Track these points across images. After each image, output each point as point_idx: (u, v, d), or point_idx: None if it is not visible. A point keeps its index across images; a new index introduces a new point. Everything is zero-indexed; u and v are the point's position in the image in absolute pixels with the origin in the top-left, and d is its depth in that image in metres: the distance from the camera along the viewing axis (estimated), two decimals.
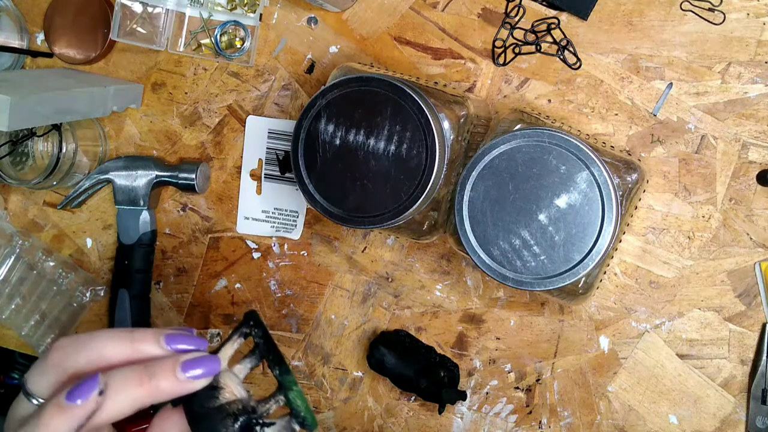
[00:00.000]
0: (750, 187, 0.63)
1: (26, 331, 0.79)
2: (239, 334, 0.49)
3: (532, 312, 0.69)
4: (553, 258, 0.53)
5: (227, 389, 0.46)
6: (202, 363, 0.43)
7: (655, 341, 0.66)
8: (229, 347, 0.49)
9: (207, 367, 0.44)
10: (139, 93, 0.77)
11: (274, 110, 0.74)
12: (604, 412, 0.68)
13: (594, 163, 0.52)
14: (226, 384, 0.46)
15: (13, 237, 0.79)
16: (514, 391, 0.70)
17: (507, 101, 0.68)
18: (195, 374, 0.43)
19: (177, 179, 0.74)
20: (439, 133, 0.55)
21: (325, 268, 0.74)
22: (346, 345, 0.74)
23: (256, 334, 0.49)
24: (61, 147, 0.72)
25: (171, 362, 0.42)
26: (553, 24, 0.66)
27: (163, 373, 0.42)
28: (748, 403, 0.64)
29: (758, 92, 0.62)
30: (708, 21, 0.63)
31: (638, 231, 0.66)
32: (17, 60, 0.78)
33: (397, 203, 0.56)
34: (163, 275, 0.78)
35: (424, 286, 0.71)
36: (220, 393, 0.46)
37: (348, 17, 0.71)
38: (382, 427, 0.74)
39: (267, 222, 0.75)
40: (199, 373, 0.43)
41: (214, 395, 0.46)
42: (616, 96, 0.65)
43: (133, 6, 0.73)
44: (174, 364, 0.42)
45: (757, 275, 0.64)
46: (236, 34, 0.73)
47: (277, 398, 0.47)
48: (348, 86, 0.56)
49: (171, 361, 0.43)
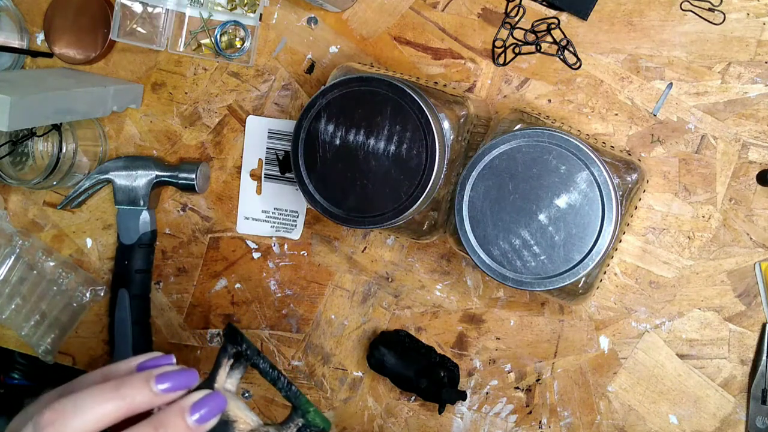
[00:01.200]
0: (750, 187, 0.63)
1: (26, 331, 0.79)
2: (228, 356, 0.48)
3: (532, 312, 0.69)
4: (553, 258, 0.53)
5: (240, 421, 0.45)
6: (208, 402, 0.42)
7: (655, 341, 0.66)
8: (222, 373, 0.47)
9: (213, 405, 0.42)
10: (139, 93, 0.77)
11: (274, 110, 0.74)
12: (604, 412, 0.68)
13: (594, 163, 0.52)
14: (237, 416, 0.45)
15: (13, 237, 0.79)
16: (514, 391, 0.70)
17: (507, 101, 0.68)
18: (204, 415, 0.42)
19: (177, 179, 0.74)
20: (439, 133, 0.55)
21: (325, 268, 0.74)
22: (346, 345, 0.74)
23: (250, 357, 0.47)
24: (61, 147, 0.72)
25: (178, 411, 0.41)
26: (553, 24, 0.66)
27: (174, 425, 0.41)
28: (748, 403, 0.64)
29: (758, 92, 0.62)
30: (708, 21, 0.63)
31: (638, 231, 0.66)
32: (17, 60, 0.78)
33: (397, 203, 0.56)
34: (163, 275, 0.78)
35: (424, 286, 0.71)
36: (234, 427, 0.45)
37: (348, 17, 0.71)
38: (382, 427, 0.74)
39: (267, 222, 0.75)
40: (207, 414, 0.42)
41: (229, 430, 0.45)
42: (616, 96, 0.65)
43: (133, 6, 0.73)
44: (182, 412, 0.41)
45: (757, 275, 0.64)
46: (236, 34, 0.73)
47: (296, 422, 0.47)
48: (348, 86, 0.56)
49: (177, 409, 0.41)
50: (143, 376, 0.42)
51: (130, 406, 0.41)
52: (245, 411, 0.46)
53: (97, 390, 0.40)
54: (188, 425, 0.41)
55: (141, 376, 0.42)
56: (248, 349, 0.47)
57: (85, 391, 0.41)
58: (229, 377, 0.48)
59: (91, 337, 0.81)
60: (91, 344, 0.81)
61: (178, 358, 0.78)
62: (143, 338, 0.76)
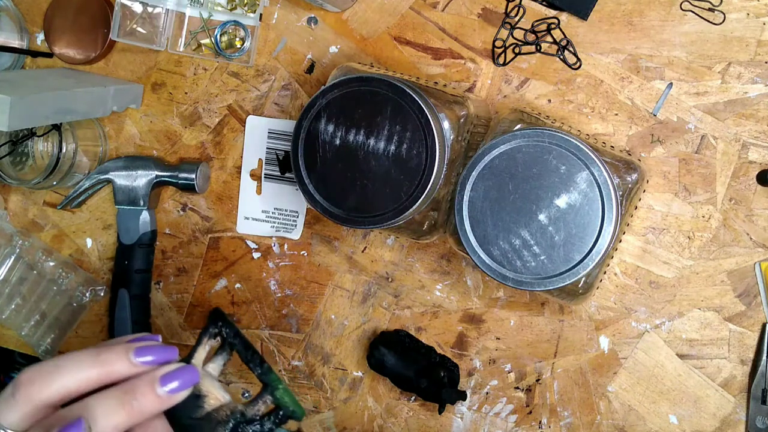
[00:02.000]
0: (750, 187, 0.63)
1: (26, 331, 0.79)
2: (209, 336, 0.49)
3: (532, 312, 0.69)
4: (553, 258, 0.53)
5: (211, 396, 0.46)
6: (180, 375, 0.43)
7: (655, 341, 0.66)
8: (201, 351, 0.48)
9: (185, 378, 0.43)
10: (139, 93, 0.77)
11: (274, 110, 0.74)
12: (604, 412, 0.68)
13: (594, 163, 0.52)
14: (209, 391, 0.46)
15: (13, 237, 0.79)
16: (514, 391, 0.70)
17: (507, 101, 0.68)
18: (175, 387, 0.42)
19: (177, 179, 0.74)
20: (439, 133, 0.55)
21: (325, 268, 0.74)
22: (346, 345, 0.74)
23: (228, 335, 0.49)
24: (61, 147, 0.72)
25: (149, 380, 0.42)
26: (553, 24, 0.66)
27: (142, 393, 0.41)
28: (748, 403, 0.64)
29: (758, 92, 0.62)
30: (708, 21, 0.63)
31: (638, 231, 0.66)
32: (17, 60, 0.78)
33: (397, 203, 0.56)
34: (163, 275, 0.78)
35: (424, 286, 0.71)
36: (204, 401, 0.46)
37: (348, 17, 0.71)
38: (382, 427, 0.74)
39: (267, 222, 0.75)
40: (178, 386, 0.43)
41: (199, 404, 0.45)
42: (616, 96, 0.65)
43: (133, 6, 0.73)
44: (152, 382, 0.42)
45: (757, 275, 0.64)
46: (236, 34, 0.73)
47: (264, 398, 0.47)
48: (348, 86, 0.56)
49: (148, 378, 0.42)
50: (124, 348, 0.43)
51: (109, 373, 0.42)
52: (219, 390, 0.47)
53: (78, 354, 0.42)
54: (157, 394, 0.42)
55: (122, 347, 0.43)
56: (225, 327, 0.48)
57: (67, 355, 0.42)
58: (212, 362, 0.49)
59: (91, 337, 0.81)
60: (91, 344, 0.81)
61: None
62: None
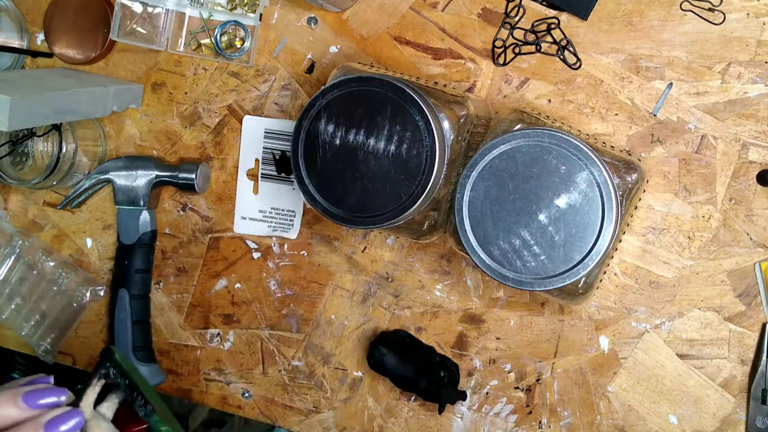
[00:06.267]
0: (750, 187, 0.63)
1: (26, 331, 0.79)
2: (99, 376, 0.49)
3: (532, 312, 0.69)
4: (553, 258, 0.53)
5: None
6: (65, 419, 0.44)
7: (655, 341, 0.66)
8: (91, 393, 0.48)
9: (69, 423, 0.44)
10: (139, 93, 0.77)
11: (274, 110, 0.74)
12: (604, 412, 0.68)
13: (594, 163, 0.52)
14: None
15: (13, 237, 0.79)
16: (514, 391, 0.70)
17: (507, 101, 0.68)
18: None
19: (177, 179, 0.74)
20: (439, 133, 0.55)
21: (325, 268, 0.74)
22: (346, 345, 0.74)
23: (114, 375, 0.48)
24: (61, 147, 0.72)
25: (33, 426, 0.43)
26: (553, 24, 0.66)
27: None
28: (748, 403, 0.64)
29: (758, 92, 0.62)
30: (708, 21, 0.63)
31: (638, 231, 0.66)
32: (17, 60, 0.78)
33: (397, 203, 0.56)
34: (163, 275, 0.78)
35: (424, 286, 0.71)
36: None
37: (348, 17, 0.71)
38: (382, 427, 0.74)
39: (264, 222, 0.75)
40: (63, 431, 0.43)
41: None
42: (616, 96, 0.65)
43: (133, 6, 0.73)
44: (37, 428, 0.43)
45: (757, 275, 0.64)
46: (236, 34, 0.73)
47: None
48: (348, 86, 0.56)
49: (32, 425, 0.43)
50: (12, 393, 0.44)
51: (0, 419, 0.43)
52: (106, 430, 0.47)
53: None
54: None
55: (10, 393, 0.44)
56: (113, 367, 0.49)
57: None
58: (106, 401, 0.49)
59: (91, 337, 0.81)
60: (91, 344, 0.81)
61: (178, 358, 0.78)
62: (143, 338, 0.76)
